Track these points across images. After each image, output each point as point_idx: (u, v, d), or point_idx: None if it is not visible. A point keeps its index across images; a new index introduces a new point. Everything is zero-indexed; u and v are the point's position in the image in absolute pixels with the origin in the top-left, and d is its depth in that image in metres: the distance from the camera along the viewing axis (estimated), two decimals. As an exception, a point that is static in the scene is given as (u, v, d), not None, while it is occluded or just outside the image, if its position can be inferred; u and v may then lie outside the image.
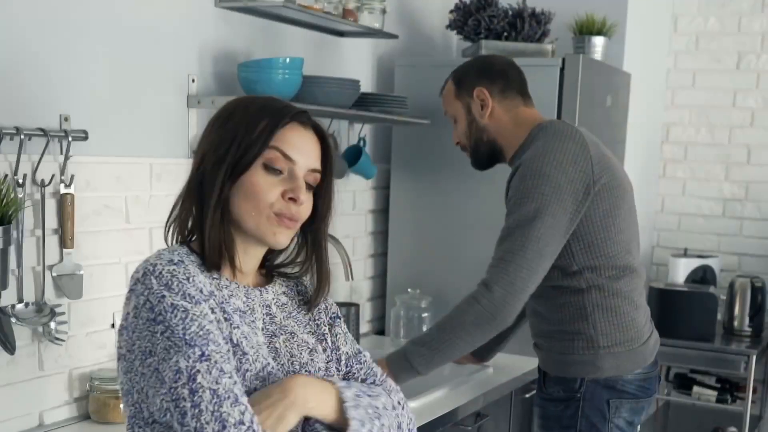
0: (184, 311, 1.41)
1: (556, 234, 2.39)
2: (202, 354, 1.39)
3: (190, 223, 1.57)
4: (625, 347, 2.50)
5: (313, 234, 1.67)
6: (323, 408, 1.52)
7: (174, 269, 1.45)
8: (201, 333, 1.41)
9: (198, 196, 1.54)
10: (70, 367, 2.35)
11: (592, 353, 2.49)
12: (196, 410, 1.37)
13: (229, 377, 1.40)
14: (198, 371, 1.38)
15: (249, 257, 1.61)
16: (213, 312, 1.46)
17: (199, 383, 1.38)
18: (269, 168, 1.53)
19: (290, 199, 1.54)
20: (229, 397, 1.39)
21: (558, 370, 2.55)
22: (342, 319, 1.76)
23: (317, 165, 1.59)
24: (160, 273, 1.44)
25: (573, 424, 2.53)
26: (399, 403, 1.66)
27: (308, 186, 1.57)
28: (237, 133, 1.52)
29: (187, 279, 1.45)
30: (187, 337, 1.40)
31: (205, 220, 1.52)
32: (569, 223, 2.41)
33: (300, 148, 1.56)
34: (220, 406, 1.37)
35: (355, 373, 1.71)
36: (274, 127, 1.53)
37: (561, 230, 2.40)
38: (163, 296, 1.42)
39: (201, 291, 1.46)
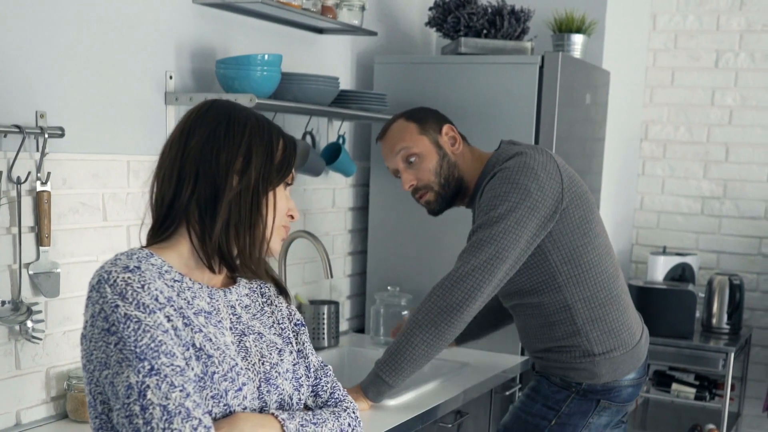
0: (137, 322, 1.40)
1: (519, 239, 2.40)
2: (152, 368, 1.38)
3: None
4: (620, 351, 2.54)
5: None
6: None
7: (129, 277, 1.43)
8: (152, 345, 1.40)
9: (212, 192, 1.54)
10: (47, 366, 2.33)
11: (588, 361, 2.52)
12: (148, 427, 1.37)
13: (180, 391, 1.39)
14: (147, 386, 1.37)
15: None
16: (170, 320, 1.45)
17: (149, 399, 1.37)
18: (286, 184, 1.63)
19: (290, 216, 1.64)
20: (179, 413, 1.37)
21: (557, 376, 2.57)
22: (306, 328, 1.77)
23: None
24: (114, 281, 1.43)
25: (557, 408, 2.56)
26: (349, 425, 1.68)
27: None
28: (259, 144, 1.57)
29: (142, 287, 1.43)
30: (138, 350, 1.39)
31: (221, 221, 1.54)
32: (537, 229, 2.42)
33: None
34: (170, 423, 1.37)
35: (323, 386, 1.73)
36: (294, 150, 1.63)
37: (525, 236, 2.41)
38: (117, 306, 1.41)
39: (156, 299, 1.44)
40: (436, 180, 2.65)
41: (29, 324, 2.21)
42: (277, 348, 1.64)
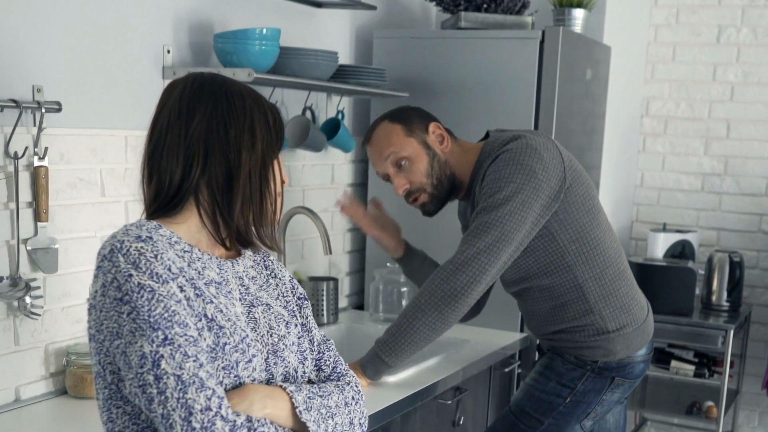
0: (150, 291, 1.40)
1: (524, 221, 2.39)
2: (166, 338, 1.38)
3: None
4: (632, 327, 2.55)
5: None
6: (279, 412, 1.51)
7: (142, 246, 1.43)
8: (166, 315, 1.39)
9: (226, 168, 1.54)
10: (46, 342, 2.32)
11: (603, 338, 2.52)
12: (162, 397, 1.36)
13: (194, 361, 1.39)
14: (162, 356, 1.37)
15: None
16: (182, 290, 1.45)
17: (163, 369, 1.36)
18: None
19: (282, 182, 1.64)
20: (193, 383, 1.37)
21: (571, 354, 2.57)
22: (309, 302, 1.77)
23: None
24: (128, 250, 1.42)
25: (572, 385, 2.56)
26: (353, 398, 1.68)
27: None
28: (261, 117, 1.58)
29: (155, 257, 1.43)
30: (151, 319, 1.38)
31: (238, 198, 1.55)
32: (542, 209, 2.41)
33: None
34: (185, 393, 1.36)
35: (326, 360, 1.73)
36: (280, 116, 1.63)
37: (530, 217, 2.40)
38: (131, 275, 1.40)
39: (169, 269, 1.44)
40: (428, 181, 2.60)
41: (28, 300, 2.21)
42: (284, 320, 1.64)
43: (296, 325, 1.67)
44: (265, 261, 1.72)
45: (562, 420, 2.57)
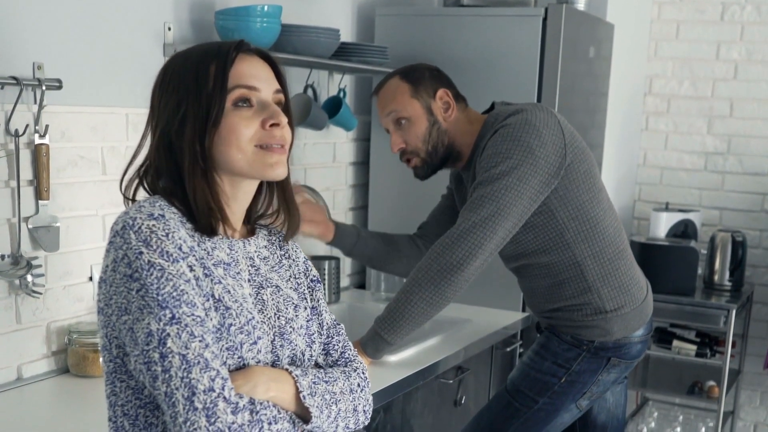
0: (160, 269, 1.39)
1: (521, 196, 2.37)
2: (173, 317, 1.37)
3: (161, 182, 1.54)
4: (630, 307, 2.54)
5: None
6: (283, 396, 1.50)
7: (154, 224, 1.42)
8: (174, 294, 1.39)
9: (172, 160, 1.51)
10: (47, 320, 2.32)
11: (600, 318, 2.51)
12: (166, 375, 1.36)
13: (200, 341, 1.38)
14: (168, 335, 1.36)
15: (235, 209, 1.59)
16: (192, 269, 1.44)
17: (169, 348, 1.36)
18: (239, 105, 1.50)
19: (272, 125, 1.51)
20: (198, 363, 1.37)
21: (568, 334, 2.56)
22: (321, 285, 1.75)
23: (278, 85, 1.57)
24: (140, 228, 1.41)
25: (567, 366, 2.55)
26: (358, 385, 1.67)
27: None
28: (189, 88, 1.49)
29: (167, 235, 1.42)
30: (160, 297, 1.38)
31: (189, 187, 1.49)
32: (540, 186, 2.40)
33: (257, 75, 1.53)
34: (189, 372, 1.36)
35: (334, 345, 1.72)
36: (225, 66, 1.50)
37: (528, 193, 2.38)
38: (141, 252, 1.39)
39: (180, 248, 1.43)
40: (423, 147, 2.59)
41: (29, 278, 2.21)
42: (293, 303, 1.63)
43: (306, 308, 1.66)
44: (279, 241, 1.70)
45: (557, 399, 2.57)
